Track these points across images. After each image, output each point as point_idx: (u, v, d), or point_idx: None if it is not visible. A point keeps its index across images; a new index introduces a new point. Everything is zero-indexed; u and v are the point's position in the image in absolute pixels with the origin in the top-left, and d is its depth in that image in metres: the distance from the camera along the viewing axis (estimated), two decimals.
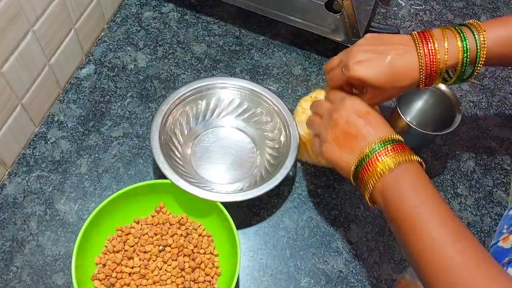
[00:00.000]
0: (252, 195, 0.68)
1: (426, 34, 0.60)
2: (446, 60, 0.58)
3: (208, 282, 0.67)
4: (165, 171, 0.68)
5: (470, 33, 0.59)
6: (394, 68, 0.59)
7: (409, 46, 0.60)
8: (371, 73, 0.59)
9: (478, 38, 0.59)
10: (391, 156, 0.55)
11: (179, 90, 0.77)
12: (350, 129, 0.58)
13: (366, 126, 0.58)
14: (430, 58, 0.58)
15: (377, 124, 0.58)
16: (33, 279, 0.67)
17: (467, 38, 0.59)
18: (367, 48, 0.61)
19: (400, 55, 0.59)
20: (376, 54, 0.60)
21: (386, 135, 0.57)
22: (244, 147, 0.79)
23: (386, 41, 0.61)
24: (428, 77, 0.60)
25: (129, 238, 0.69)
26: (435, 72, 0.59)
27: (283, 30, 0.93)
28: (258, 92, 0.78)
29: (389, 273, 0.71)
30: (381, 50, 0.60)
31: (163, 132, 0.73)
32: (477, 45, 0.59)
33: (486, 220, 0.77)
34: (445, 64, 0.59)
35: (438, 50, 0.58)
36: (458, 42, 0.59)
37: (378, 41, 0.61)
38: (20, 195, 0.73)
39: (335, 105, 0.62)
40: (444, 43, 0.59)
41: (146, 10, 0.93)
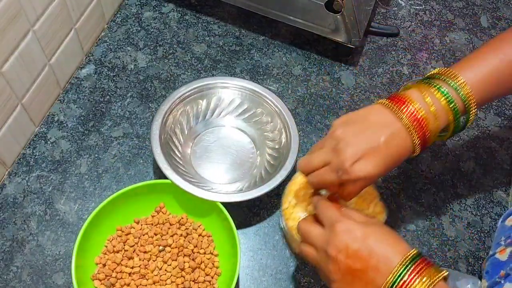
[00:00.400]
0: (251, 196, 0.68)
1: (399, 97, 0.55)
2: (435, 114, 0.54)
3: (208, 282, 0.67)
4: (165, 171, 0.68)
5: (443, 82, 0.55)
6: (392, 153, 0.54)
7: (387, 116, 0.54)
8: (373, 170, 0.53)
9: (455, 83, 0.55)
10: (422, 278, 0.47)
11: (180, 89, 0.77)
12: (355, 265, 0.50)
13: (371, 255, 0.49)
14: (417, 121, 0.53)
15: (382, 246, 0.50)
16: (33, 279, 0.67)
17: (442, 87, 0.55)
18: (352, 141, 0.53)
19: (387, 134, 0.53)
20: (365, 144, 0.53)
21: (400, 258, 0.49)
22: (244, 147, 0.79)
23: (360, 121, 0.55)
24: (422, 139, 0.54)
25: (129, 238, 0.69)
26: (429, 132, 0.54)
27: (283, 30, 0.93)
28: (259, 93, 0.78)
29: None
30: (367, 137, 0.53)
31: (163, 131, 0.73)
32: (457, 91, 0.55)
33: (486, 220, 0.77)
34: (435, 120, 0.54)
35: (419, 108, 0.53)
36: (436, 94, 0.55)
37: (354, 125, 0.55)
38: (20, 195, 0.73)
39: (328, 236, 0.53)
40: (423, 99, 0.54)
41: (146, 10, 0.93)
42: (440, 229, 0.75)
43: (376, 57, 0.92)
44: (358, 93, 0.87)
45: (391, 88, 0.88)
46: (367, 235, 0.50)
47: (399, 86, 0.87)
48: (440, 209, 0.77)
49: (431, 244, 0.74)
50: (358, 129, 0.54)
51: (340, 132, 0.55)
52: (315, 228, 0.55)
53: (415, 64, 0.91)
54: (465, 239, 0.75)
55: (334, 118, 0.84)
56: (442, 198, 0.78)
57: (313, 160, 0.57)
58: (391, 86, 0.88)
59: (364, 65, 0.91)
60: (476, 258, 0.73)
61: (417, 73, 0.90)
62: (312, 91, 0.87)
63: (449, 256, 0.73)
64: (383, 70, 0.90)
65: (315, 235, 0.54)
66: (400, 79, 0.89)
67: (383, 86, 0.88)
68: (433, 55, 0.93)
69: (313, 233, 0.55)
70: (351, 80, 0.88)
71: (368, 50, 0.92)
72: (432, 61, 0.92)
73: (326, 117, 0.84)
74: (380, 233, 0.51)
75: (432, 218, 0.76)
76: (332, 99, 0.86)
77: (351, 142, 0.53)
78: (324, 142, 0.56)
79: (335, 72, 0.89)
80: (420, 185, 0.79)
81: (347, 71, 0.89)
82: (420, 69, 0.91)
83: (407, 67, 0.91)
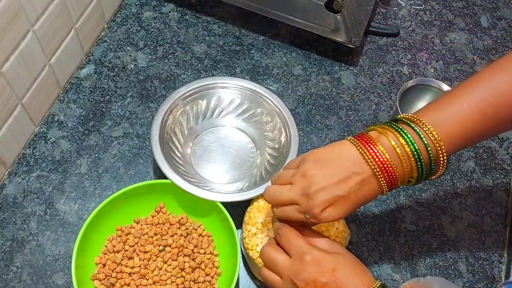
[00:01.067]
0: (251, 195, 0.68)
1: (365, 138, 0.54)
2: (401, 159, 0.52)
3: (208, 282, 0.67)
4: (165, 170, 0.68)
5: (407, 126, 0.53)
6: (359, 200, 0.54)
7: (356, 159, 0.53)
8: (339, 216, 0.54)
9: (419, 129, 0.52)
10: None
11: (180, 89, 0.77)
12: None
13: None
14: (383, 164, 0.52)
15: (349, 279, 0.52)
16: (33, 279, 0.67)
17: (408, 133, 0.52)
18: (324, 186, 0.53)
19: (357, 181, 0.53)
20: (336, 192, 0.53)
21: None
22: (244, 147, 0.79)
23: (333, 162, 0.54)
24: (389, 184, 0.53)
25: (129, 238, 0.69)
26: (395, 177, 0.53)
27: (283, 30, 0.93)
28: (259, 93, 0.78)
29: (389, 273, 0.71)
30: (338, 184, 0.53)
31: (163, 131, 0.73)
32: (420, 136, 0.52)
33: (486, 220, 0.77)
34: (401, 164, 0.52)
35: (384, 151, 0.52)
36: (400, 139, 0.52)
37: (327, 167, 0.54)
38: (20, 195, 0.73)
39: (295, 266, 0.53)
40: (388, 141, 0.52)
41: (146, 10, 0.93)
42: (440, 229, 0.75)
43: (376, 57, 0.92)
44: (358, 93, 0.87)
45: (391, 88, 0.88)
46: (335, 267, 0.52)
47: (399, 86, 0.88)
48: (440, 209, 0.77)
49: (431, 244, 0.74)
50: (330, 173, 0.53)
51: (313, 173, 0.54)
52: (282, 256, 0.55)
53: (415, 64, 0.91)
54: (465, 239, 0.75)
55: (334, 118, 0.84)
56: (442, 198, 0.78)
57: (282, 196, 0.56)
58: (391, 86, 0.88)
59: (364, 65, 0.91)
60: (476, 258, 0.73)
61: (417, 73, 0.90)
62: (312, 91, 0.87)
63: (449, 256, 0.73)
64: (383, 70, 0.90)
65: (281, 264, 0.55)
66: (400, 79, 0.89)
67: (383, 86, 0.88)
68: (433, 55, 0.93)
69: (279, 261, 0.55)
70: (351, 80, 0.88)
71: (368, 50, 0.92)
72: (432, 61, 0.92)
73: (326, 117, 0.84)
74: (347, 265, 0.53)
75: (432, 218, 0.76)
76: (332, 99, 0.86)
77: (322, 188, 0.53)
78: (295, 178, 0.55)
79: (335, 72, 0.89)
80: (420, 185, 0.79)
81: (347, 71, 0.89)
82: (420, 69, 0.91)
83: (407, 67, 0.91)
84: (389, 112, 0.85)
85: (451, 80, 0.90)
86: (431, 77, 0.89)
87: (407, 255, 0.73)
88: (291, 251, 0.55)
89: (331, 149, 0.56)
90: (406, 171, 0.53)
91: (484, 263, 0.73)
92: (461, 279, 0.72)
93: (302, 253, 0.53)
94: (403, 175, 0.53)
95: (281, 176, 0.58)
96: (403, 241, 0.74)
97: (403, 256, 0.73)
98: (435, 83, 0.76)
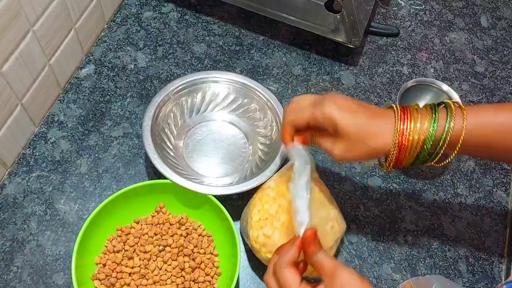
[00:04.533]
0: (240, 189, 0.68)
1: (406, 110, 0.56)
2: (417, 139, 0.55)
3: (208, 282, 0.67)
4: (155, 161, 0.69)
5: (445, 116, 0.55)
6: (370, 123, 0.55)
7: (390, 115, 0.56)
8: (344, 117, 0.55)
9: (449, 122, 0.54)
10: None
11: (174, 81, 0.77)
12: None
13: None
14: (404, 136, 0.54)
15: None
16: (33, 279, 0.67)
17: (437, 121, 0.54)
18: (349, 101, 0.56)
19: (379, 116, 0.56)
20: (356, 105, 0.56)
21: None
22: (237, 142, 0.79)
23: (365, 107, 0.57)
24: (398, 152, 0.55)
25: (129, 238, 0.69)
26: (406, 148, 0.55)
27: (283, 30, 0.93)
28: (253, 88, 0.78)
29: (389, 273, 0.71)
30: (364, 106, 0.57)
31: (155, 123, 0.74)
32: (444, 131, 0.54)
33: (486, 220, 0.77)
34: (417, 143, 0.55)
35: (412, 129, 0.54)
36: (426, 123, 0.55)
37: (358, 108, 0.56)
38: (20, 195, 0.73)
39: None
40: (417, 123, 0.55)
41: (146, 10, 0.93)
42: (440, 229, 0.75)
43: (376, 57, 0.92)
44: (358, 93, 0.87)
45: (391, 88, 0.88)
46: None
47: (399, 86, 0.87)
48: (440, 209, 0.77)
49: (431, 244, 0.74)
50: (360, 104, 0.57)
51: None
52: (272, 279, 0.54)
53: (415, 64, 0.91)
54: (465, 239, 0.75)
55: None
56: (442, 198, 0.78)
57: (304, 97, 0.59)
58: (391, 86, 0.88)
59: (364, 65, 0.91)
60: (476, 258, 0.73)
61: (417, 73, 0.90)
62: (312, 91, 0.87)
63: (449, 256, 0.73)
64: (383, 70, 0.90)
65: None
66: (400, 79, 0.89)
67: (383, 86, 0.88)
68: (433, 55, 0.93)
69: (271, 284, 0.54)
70: (351, 80, 0.88)
71: (368, 50, 0.92)
72: (432, 61, 0.92)
73: None
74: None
75: (432, 218, 0.76)
76: None
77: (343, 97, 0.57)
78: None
79: (335, 72, 0.89)
80: (420, 185, 0.79)
81: (347, 71, 0.89)
82: (420, 69, 0.91)
83: (407, 67, 0.91)
84: None
85: (451, 80, 0.90)
86: (431, 77, 0.89)
87: (407, 255, 0.73)
88: (278, 278, 0.53)
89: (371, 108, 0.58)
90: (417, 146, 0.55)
91: (484, 263, 0.73)
92: (461, 279, 0.72)
93: (288, 284, 0.52)
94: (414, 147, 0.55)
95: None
96: (403, 241, 0.74)
97: (403, 256, 0.73)
98: (435, 83, 0.77)
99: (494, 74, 0.92)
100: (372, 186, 0.78)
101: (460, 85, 0.90)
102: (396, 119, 0.55)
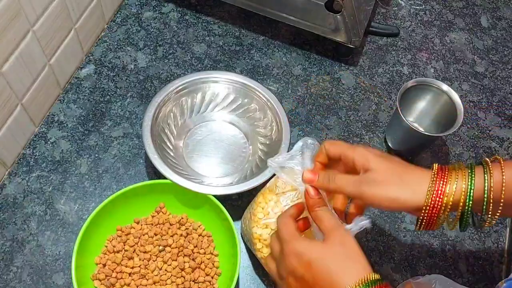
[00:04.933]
0: (240, 189, 0.68)
1: (444, 171, 0.52)
2: (450, 202, 0.50)
3: (208, 282, 0.67)
4: (155, 161, 0.69)
5: (482, 173, 0.50)
6: (405, 172, 0.52)
7: (425, 173, 0.52)
8: (378, 160, 0.53)
9: (488, 180, 0.50)
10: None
11: (174, 82, 0.77)
12: (303, 287, 0.51)
13: (316, 282, 0.50)
14: (437, 199, 0.50)
15: (326, 276, 0.49)
16: (33, 279, 0.67)
17: (474, 179, 0.50)
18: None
19: (415, 170, 0.53)
20: (391, 156, 0.54)
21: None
22: (237, 142, 0.79)
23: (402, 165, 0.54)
24: (429, 216, 0.51)
25: (129, 238, 0.69)
26: (436, 213, 0.51)
27: (283, 30, 0.93)
28: (253, 88, 0.78)
29: (389, 273, 0.71)
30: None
31: (155, 123, 0.74)
32: (485, 189, 0.50)
33: None
34: (448, 207, 0.50)
35: (446, 192, 0.50)
36: (463, 184, 0.50)
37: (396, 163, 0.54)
38: (20, 195, 0.73)
39: (280, 255, 0.54)
40: (453, 184, 0.50)
41: (146, 10, 0.93)
42: (440, 229, 0.75)
43: (376, 57, 0.92)
44: (358, 93, 0.87)
45: (391, 88, 0.88)
46: (311, 262, 0.50)
47: (399, 86, 0.87)
48: None
49: (431, 244, 0.74)
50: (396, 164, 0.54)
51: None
52: (276, 245, 0.56)
53: (415, 64, 0.91)
54: (465, 239, 0.75)
55: (334, 118, 0.84)
56: None
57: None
58: (391, 86, 0.88)
59: (364, 65, 0.90)
60: (476, 258, 0.73)
61: (417, 73, 0.90)
62: (312, 91, 0.87)
63: (449, 256, 0.73)
64: (383, 70, 0.90)
65: (274, 253, 0.56)
66: (400, 79, 0.89)
67: (383, 86, 0.88)
68: (433, 55, 0.93)
69: (272, 250, 0.56)
70: (351, 80, 0.88)
71: (368, 50, 0.92)
72: (432, 61, 0.92)
73: (326, 117, 0.84)
74: (329, 260, 0.50)
75: None
76: (332, 99, 0.86)
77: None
78: None
79: (335, 72, 0.89)
80: None
81: (347, 71, 0.89)
82: (420, 69, 0.91)
83: (407, 67, 0.91)
84: (389, 112, 0.85)
85: (451, 80, 0.90)
86: (431, 77, 0.89)
87: (407, 255, 0.73)
88: (280, 241, 0.55)
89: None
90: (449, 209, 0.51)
91: (484, 263, 0.73)
92: (461, 279, 0.72)
93: (283, 244, 0.53)
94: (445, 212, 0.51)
95: None
96: (403, 241, 0.74)
97: (403, 256, 0.73)
98: (435, 83, 0.76)
99: (494, 74, 0.92)
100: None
101: (460, 85, 0.90)
102: (432, 178, 0.51)
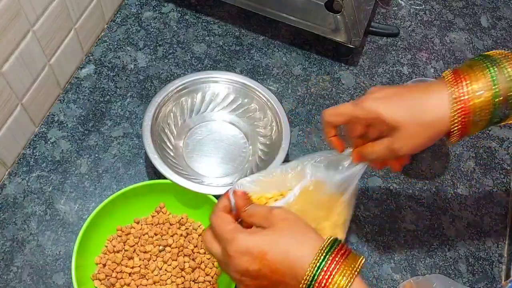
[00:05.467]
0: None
1: (458, 72, 0.50)
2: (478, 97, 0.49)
3: (208, 282, 0.67)
4: (155, 161, 0.69)
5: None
6: (420, 102, 0.50)
7: (440, 85, 0.51)
8: (388, 106, 0.51)
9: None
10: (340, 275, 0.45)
11: (174, 82, 0.77)
12: (263, 282, 0.48)
13: (274, 272, 0.47)
14: (463, 101, 0.49)
15: (284, 257, 0.47)
16: (33, 279, 0.67)
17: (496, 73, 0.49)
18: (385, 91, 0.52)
19: (427, 90, 0.51)
20: (397, 89, 0.53)
21: (308, 260, 0.45)
22: (237, 142, 0.79)
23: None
24: (462, 119, 0.49)
25: (129, 238, 0.69)
26: (470, 113, 0.49)
27: (283, 30, 0.93)
28: (253, 88, 0.78)
29: (389, 273, 0.71)
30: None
31: (155, 123, 0.74)
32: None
33: (486, 220, 0.77)
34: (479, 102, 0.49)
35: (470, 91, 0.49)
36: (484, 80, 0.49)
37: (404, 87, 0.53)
38: (20, 195, 0.73)
39: (225, 258, 0.50)
40: (474, 83, 0.49)
41: (146, 10, 0.93)
42: (440, 229, 0.75)
43: (376, 57, 0.92)
44: (358, 93, 0.87)
45: None
46: (265, 249, 0.47)
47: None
48: (440, 209, 0.77)
49: (431, 244, 0.74)
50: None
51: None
52: (215, 247, 0.51)
53: (415, 64, 0.91)
54: (465, 239, 0.75)
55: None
56: (442, 198, 0.78)
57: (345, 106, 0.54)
58: None
59: (364, 65, 0.91)
60: (476, 258, 0.73)
61: (417, 73, 0.90)
62: (312, 91, 0.87)
63: (449, 256, 0.73)
64: (383, 70, 0.90)
65: (216, 256, 0.52)
66: (400, 79, 0.89)
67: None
68: (433, 55, 0.93)
69: (213, 253, 0.52)
70: (351, 80, 0.88)
71: (368, 50, 0.92)
72: (432, 61, 0.92)
73: None
74: (281, 241, 0.48)
75: (432, 218, 0.76)
76: (332, 99, 0.86)
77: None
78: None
79: (335, 72, 0.89)
80: (420, 185, 0.79)
81: (347, 71, 0.89)
82: (420, 69, 0.91)
83: (407, 67, 0.91)
84: None
85: None
86: (431, 77, 0.89)
87: (407, 255, 0.73)
88: (219, 243, 0.51)
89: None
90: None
91: (484, 263, 0.73)
92: (461, 279, 0.72)
93: (225, 244, 0.49)
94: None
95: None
96: (403, 241, 0.74)
97: (403, 256, 0.73)
98: None
99: None
100: (372, 186, 0.78)
101: None
102: (449, 87, 0.49)
